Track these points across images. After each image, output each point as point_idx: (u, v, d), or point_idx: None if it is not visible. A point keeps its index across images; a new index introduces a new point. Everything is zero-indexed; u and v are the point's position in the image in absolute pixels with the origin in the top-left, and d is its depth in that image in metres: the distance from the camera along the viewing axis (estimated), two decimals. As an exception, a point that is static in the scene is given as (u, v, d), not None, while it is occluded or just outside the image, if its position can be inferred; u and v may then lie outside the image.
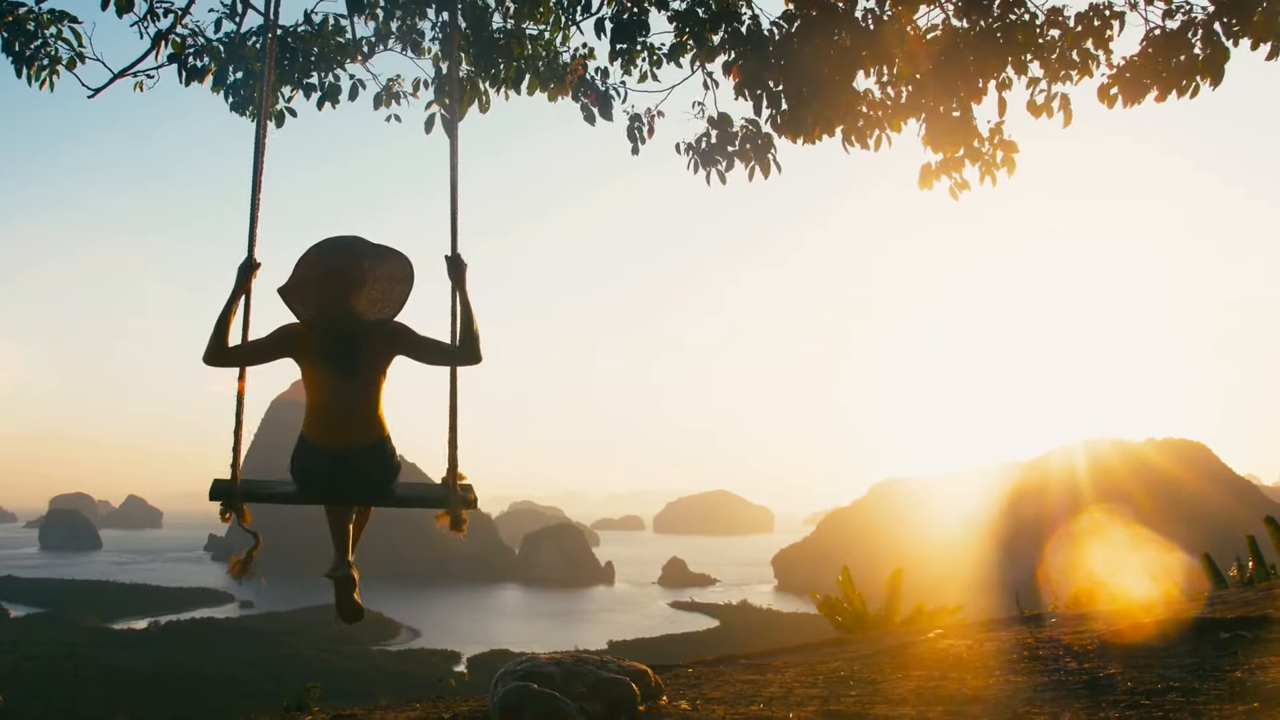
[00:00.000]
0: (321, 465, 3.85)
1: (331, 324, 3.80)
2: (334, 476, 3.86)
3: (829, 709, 3.71)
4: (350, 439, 3.84)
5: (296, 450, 3.94)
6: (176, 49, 5.51)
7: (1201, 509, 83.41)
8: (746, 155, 5.80)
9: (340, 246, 3.84)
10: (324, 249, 3.83)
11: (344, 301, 3.81)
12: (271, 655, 62.72)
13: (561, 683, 3.70)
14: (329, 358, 3.79)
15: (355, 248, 3.85)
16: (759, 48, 5.43)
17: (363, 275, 3.83)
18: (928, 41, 5.40)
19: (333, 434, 3.85)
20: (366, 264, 3.83)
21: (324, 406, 3.83)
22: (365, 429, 3.86)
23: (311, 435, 3.88)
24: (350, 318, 3.81)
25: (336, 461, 3.84)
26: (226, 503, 3.96)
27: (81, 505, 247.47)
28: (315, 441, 3.87)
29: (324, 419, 3.85)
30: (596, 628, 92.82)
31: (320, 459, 3.85)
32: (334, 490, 3.94)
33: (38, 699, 44.75)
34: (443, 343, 3.85)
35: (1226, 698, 3.34)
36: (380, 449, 3.92)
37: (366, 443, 3.86)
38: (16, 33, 5.19)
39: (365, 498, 4.02)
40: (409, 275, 3.89)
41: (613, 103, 5.86)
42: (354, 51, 5.72)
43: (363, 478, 3.89)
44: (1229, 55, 4.83)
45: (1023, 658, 4.44)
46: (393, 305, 3.88)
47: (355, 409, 3.83)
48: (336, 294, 3.79)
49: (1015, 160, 5.59)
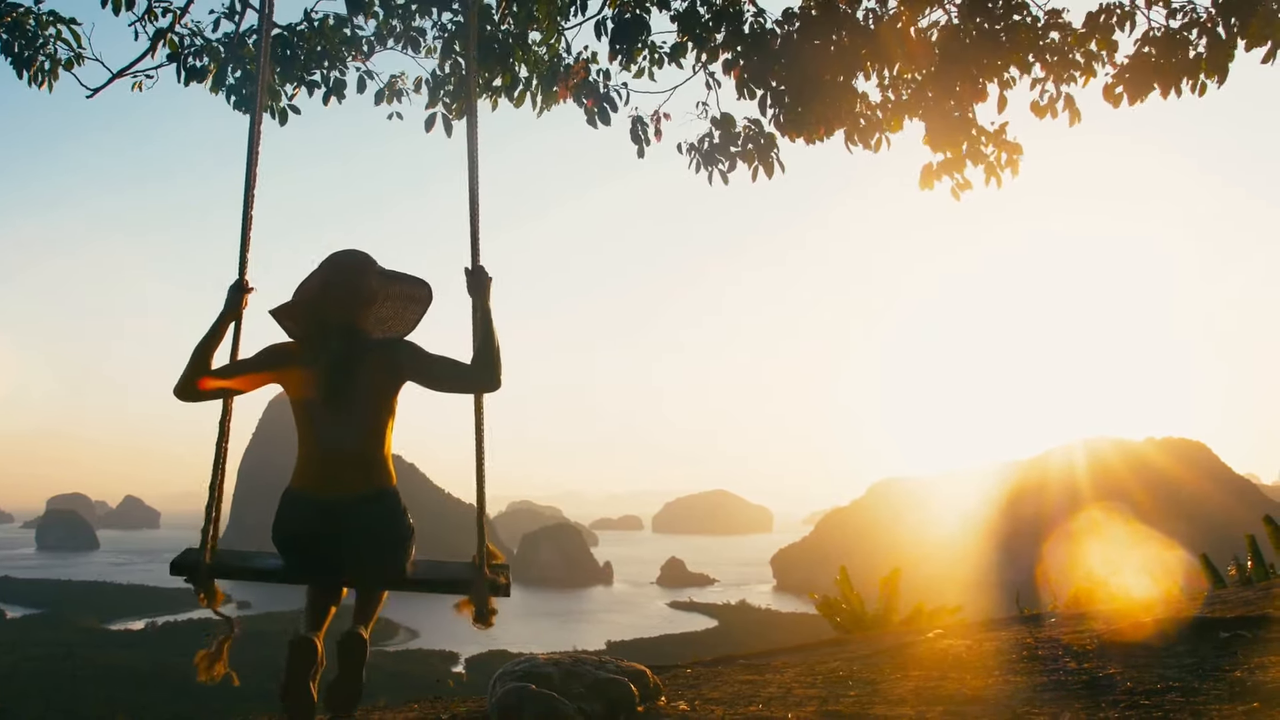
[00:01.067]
0: (311, 519, 3.20)
1: (328, 341, 3.25)
2: (327, 533, 3.19)
3: (828, 709, 3.70)
4: (348, 484, 3.21)
5: (280, 509, 3.26)
6: (174, 48, 5.51)
7: (1201, 508, 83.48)
8: (749, 156, 5.80)
9: (348, 257, 3.36)
10: (328, 261, 3.35)
11: (346, 314, 3.29)
12: (270, 656, 62.48)
13: (560, 683, 3.69)
14: (324, 381, 3.21)
15: (366, 261, 3.37)
16: (761, 47, 5.43)
17: (370, 289, 3.33)
18: (929, 41, 5.40)
19: (326, 477, 3.21)
20: (376, 280, 3.35)
21: (317, 443, 3.24)
22: (367, 472, 3.24)
23: (299, 482, 3.25)
24: (352, 335, 3.28)
25: (330, 514, 3.18)
26: (192, 580, 3.28)
27: (79, 505, 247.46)
28: (304, 490, 3.24)
29: (316, 459, 3.24)
30: (595, 628, 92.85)
31: (309, 511, 3.21)
32: (327, 553, 3.21)
33: (36, 699, 44.74)
34: (458, 363, 3.25)
35: (1226, 697, 3.34)
36: (385, 501, 3.27)
37: (368, 491, 3.23)
38: (16, 33, 5.19)
39: (369, 564, 3.26)
40: (426, 298, 3.43)
41: (615, 105, 5.84)
42: (355, 49, 5.72)
43: (364, 534, 3.21)
44: (1234, 53, 4.82)
45: (1022, 657, 4.44)
46: (403, 326, 3.43)
47: (354, 446, 3.23)
48: (337, 304, 3.27)
49: (1019, 162, 5.59)
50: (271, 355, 3.29)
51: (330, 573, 3.30)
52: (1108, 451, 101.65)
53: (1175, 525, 42.98)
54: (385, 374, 3.26)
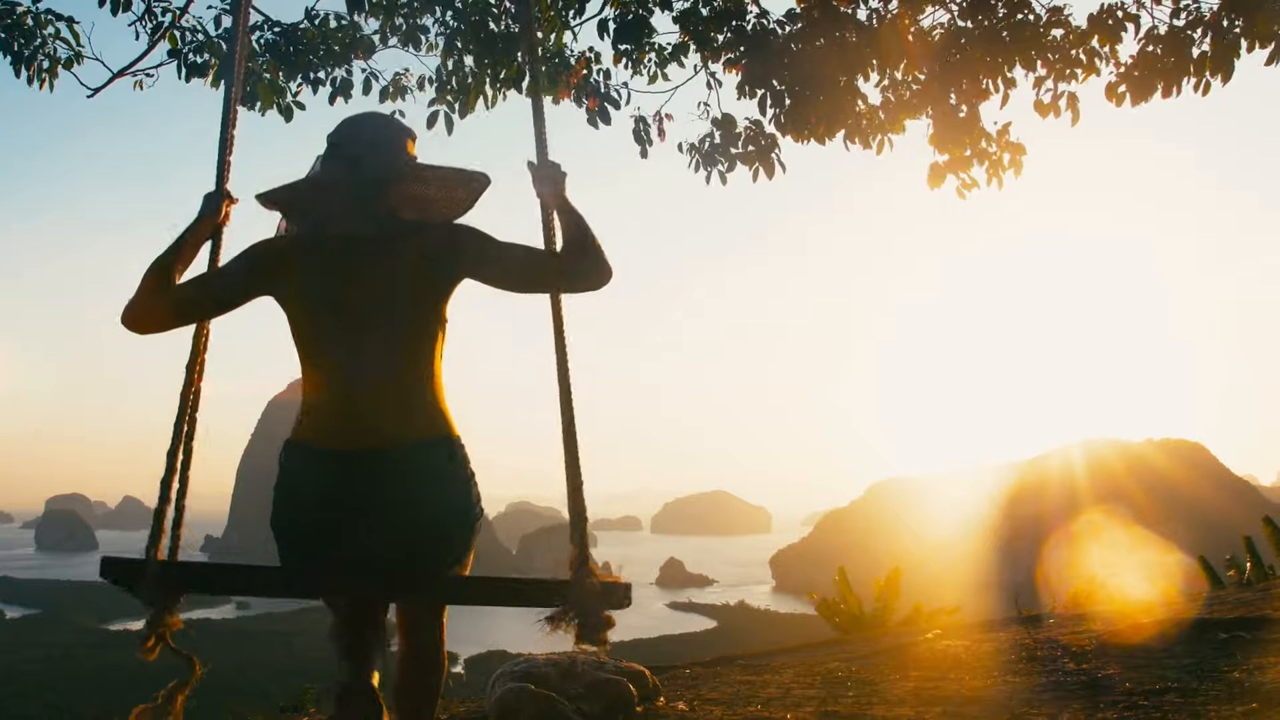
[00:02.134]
0: (326, 483, 2.12)
1: (343, 228, 2.24)
2: (351, 507, 2.10)
3: (826, 709, 3.70)
4: (378, 430, 2.12)
5: (279, 476, 2.21)
6: (174, 45, 5.51)
7: (1199, 509, 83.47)
8: (750, 157, 5.80)
9: (368, 116, 2.39)
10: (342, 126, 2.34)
11: (368, 191, 2.25)
12: (268, 656, 62.61)
13: (558, 683, 3.69)
14: (336, 279, 2.17)
15: (392, 121, 2.40)
16: (763, 46, 5.42)
17: (399, 162, 2.28)
18: (931, 41, 5.40)
19: (344, 420, 2.13)
20: (406, 155, 2.31)
21: (330, 373, 2.17)
22: (406, 412, 2.15)
23: (304, 433, 2.18)
24: (376, 215, 2.26)
25: (351, 474, 2.10)
26: (139, 593, 2.14)
27: (78, 506, 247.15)
28: (312, 442, 2.16)
29: (330, 396, 2.16)
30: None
31: (323, 473, 2.12)
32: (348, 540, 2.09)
33: (35, 700, 44.72)
34: (538, 250, 2.26)
35: (1225, 698, 3.34)
36: (438, 455, 2.17)
37: (410, 439, 2.14)
38: (15, 32, 5.18)
39: (420, 550, 2.12)
40: (483, 183, 2.35)
41: (617, 104, 5.84)
42: (358, 48, 5.72)
43: (409, 503, 2.10)
44: (1239, 51, 4.81)
45: (1021, 658, 4.43)
46: (451, 207, 2.36)
47: (386, 372, 2.15)
48: (355, 176, 2.24)
49: (1023, 163, 5.59)
50: (261, 254, 2.26)
51: (355, 573, 2.13)
52: (1106, 452, 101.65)
53: (1174, 526, 43.10)
54: (429, 266, 2.21)
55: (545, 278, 2.26)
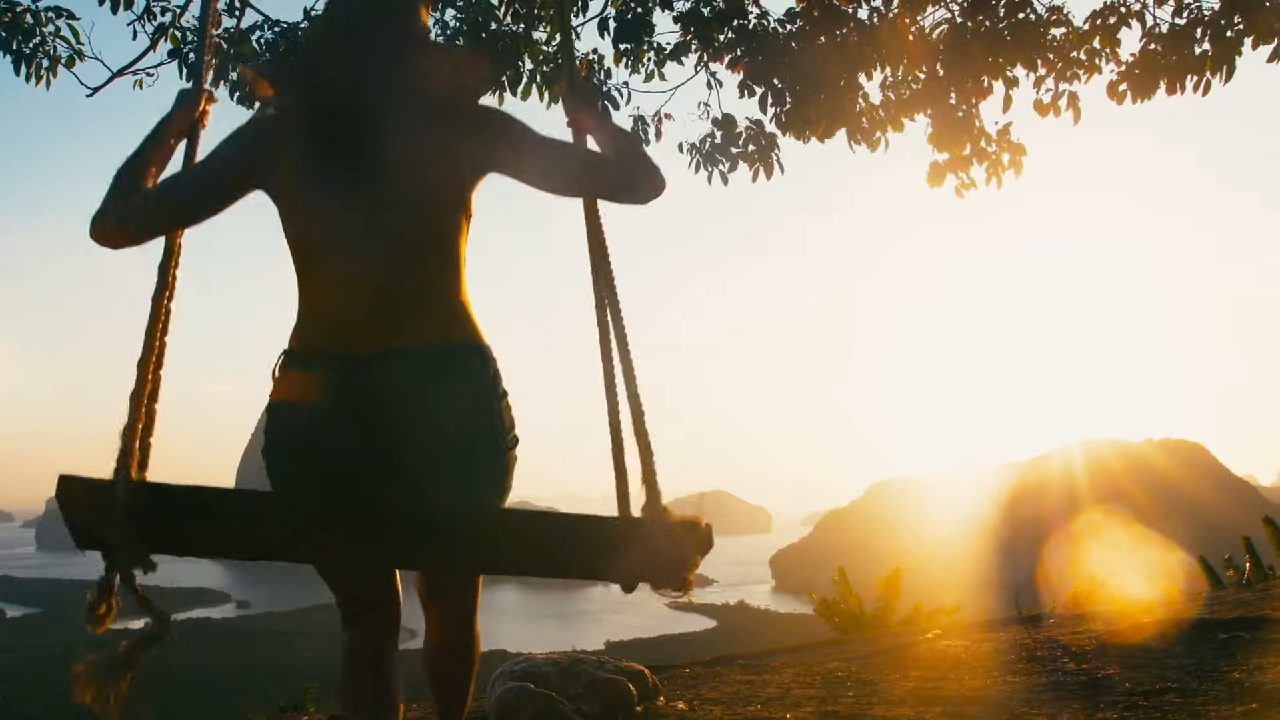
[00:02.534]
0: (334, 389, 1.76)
1: (345, 96, 1.86)
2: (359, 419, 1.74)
3: (826, 709, 3.70)
4: (390, 331, 1.79)
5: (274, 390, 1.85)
6: (175, 44, 5.51)
7: (1199, 509, 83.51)
8: (750, 157, 5.80)
9: None
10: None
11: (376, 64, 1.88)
12: (268, 656, 62.64)
13: (558, 683, 3.69)
14: (339, 157, 1.81)
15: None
16: (764, 45, 5.42)
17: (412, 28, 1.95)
18: (932, 40, 5.40)
19: (349, 319, 1.80)
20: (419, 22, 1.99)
21: (332, 268, 1.83)
22: (421, 311, 1.82)
23: (303, 340, 1.85)
24: (385, 84, 1.87)
25: (359, 384, 1.75)
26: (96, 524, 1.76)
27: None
28: (314, 347, 1.83)
29: (331, 295, 1.84)
30: (594, 628, 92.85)
31: (319, 379, 1.77)
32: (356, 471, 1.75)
33: (35, 699, 44.70)
34: (590, 150, 1.96)
35: (1225, 698, 3.34)
36: (460, 363, 1.82)
37: (427, 343, 1.80)
38: (15, 30, 5.18)
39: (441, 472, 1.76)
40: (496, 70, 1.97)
41: (617, 104, 5.84)
42: None
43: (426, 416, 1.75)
44: (1241, 50, 4.81)
45: (1020, 658, 4.43)
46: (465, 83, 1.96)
47: (408, 262, 1.82)
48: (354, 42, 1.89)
49: (1023, 163, 5.59)
50: (249, 136, 1.90)
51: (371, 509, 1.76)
52: (1106, 452, 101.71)
53: (1174, 526, 43.05)
54: (456, 144, 1.86)
55: (597, 179, 1.91)
